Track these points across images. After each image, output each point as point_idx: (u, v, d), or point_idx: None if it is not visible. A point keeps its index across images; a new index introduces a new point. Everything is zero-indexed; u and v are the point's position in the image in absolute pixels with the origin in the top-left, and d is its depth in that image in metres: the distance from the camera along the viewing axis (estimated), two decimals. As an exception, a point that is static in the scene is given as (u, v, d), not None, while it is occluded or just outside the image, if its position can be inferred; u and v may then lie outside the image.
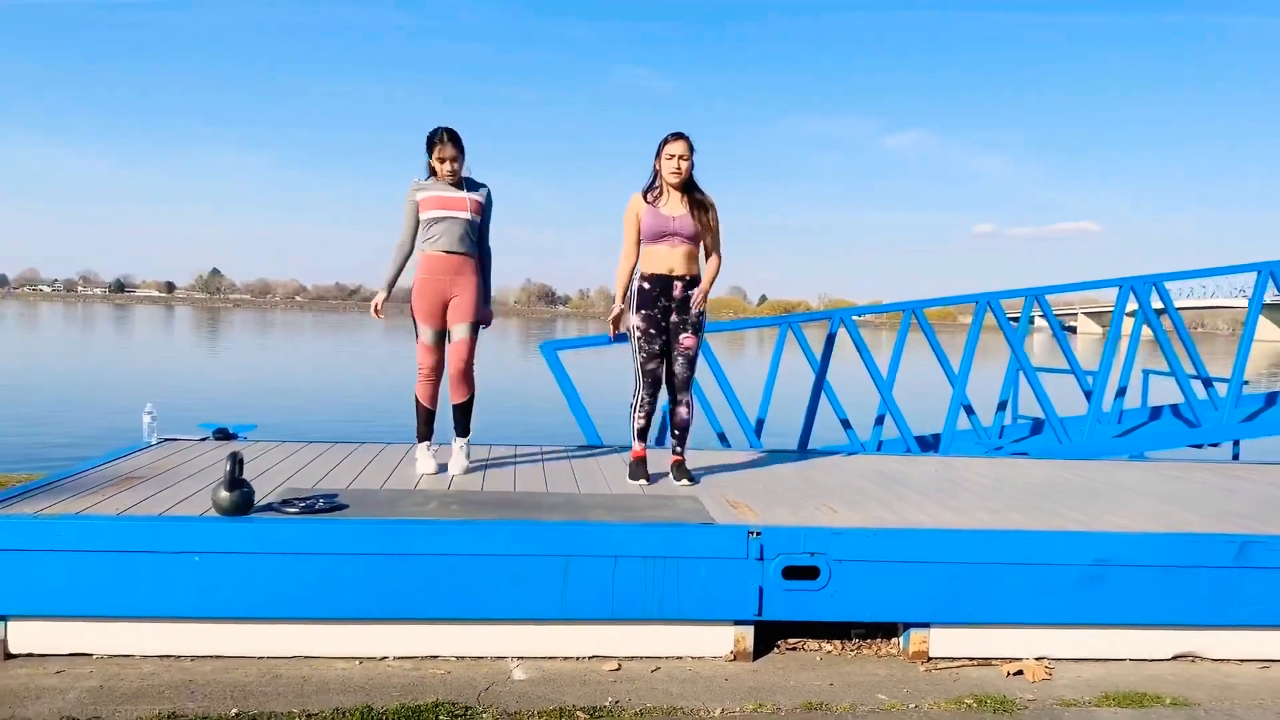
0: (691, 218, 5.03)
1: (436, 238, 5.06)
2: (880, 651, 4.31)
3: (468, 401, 5.21)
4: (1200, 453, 8.00)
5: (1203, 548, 4.23)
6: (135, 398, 6.14)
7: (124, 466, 5.03)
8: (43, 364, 26.46)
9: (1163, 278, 7.52)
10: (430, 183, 5.12)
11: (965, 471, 5.93)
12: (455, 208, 5.06)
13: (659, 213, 5.03)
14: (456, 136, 5.03)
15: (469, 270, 5.14)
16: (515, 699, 3.63)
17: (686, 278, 5.08)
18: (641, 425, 5.19)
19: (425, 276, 5.09)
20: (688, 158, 4.99)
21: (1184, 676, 4.14)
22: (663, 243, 5.03)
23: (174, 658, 3.90)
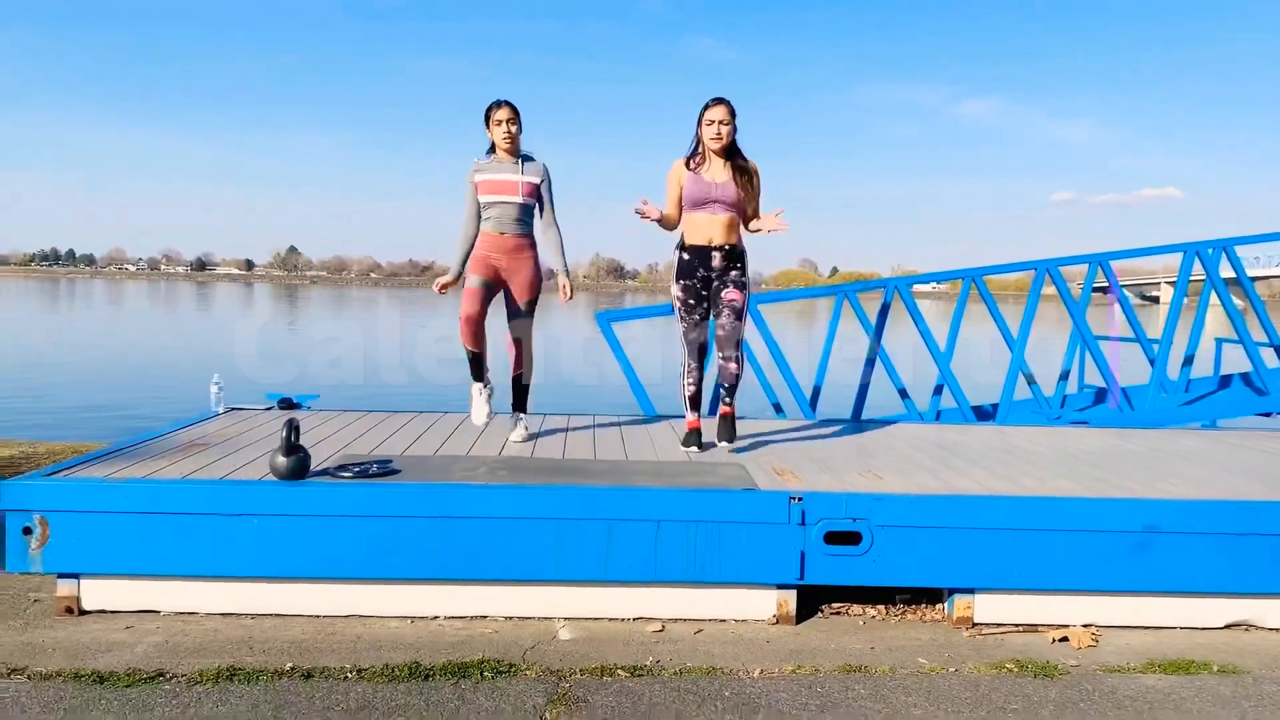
0: (734, 184, 5.02)
1: (492, 219, 5.20)
2: (925, 617, 4.32)
3: (522, 377, 5.34)
4: (1273, 421, 7.81)
5: (1257, 515, 4.16)
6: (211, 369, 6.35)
7: (191, 434, 5.24)
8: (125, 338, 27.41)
9: (1231, 242, 7.32)
10: (488, 163, 5.22)
11: (1021, 440, 5.87)
12: (507, 191, 5.17)
13: (701, 179, 5.02)
14: (513, 105, 5.14)
15: (524, 251, 5.25)
16: (559, 657, 3.73)
17: (725, 247, 5.05)
18: (691, 393, 5.23)
19: (482, 251, 5.23)
20: (729, 122, 4.98)
21: (1236, 645, 4.09)
22: (704, 210, 5.02)
23: (235, 615, 4.07)
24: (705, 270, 5.07)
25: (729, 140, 5.01)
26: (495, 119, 5.14)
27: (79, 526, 3.96)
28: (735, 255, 5.09)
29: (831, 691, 3.48)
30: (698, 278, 5.07)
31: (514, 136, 5.17)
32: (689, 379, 5.19)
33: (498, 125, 5.14)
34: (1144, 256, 7.54)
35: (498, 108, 5.13)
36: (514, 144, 5.19)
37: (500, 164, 5.20)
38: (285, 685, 3.40)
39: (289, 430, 4.13)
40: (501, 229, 5.19)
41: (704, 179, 5.02)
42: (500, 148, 5.19)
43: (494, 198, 5.17)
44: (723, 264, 5.07)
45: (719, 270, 5.07)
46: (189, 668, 3.52)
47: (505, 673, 3.55)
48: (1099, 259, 7.32)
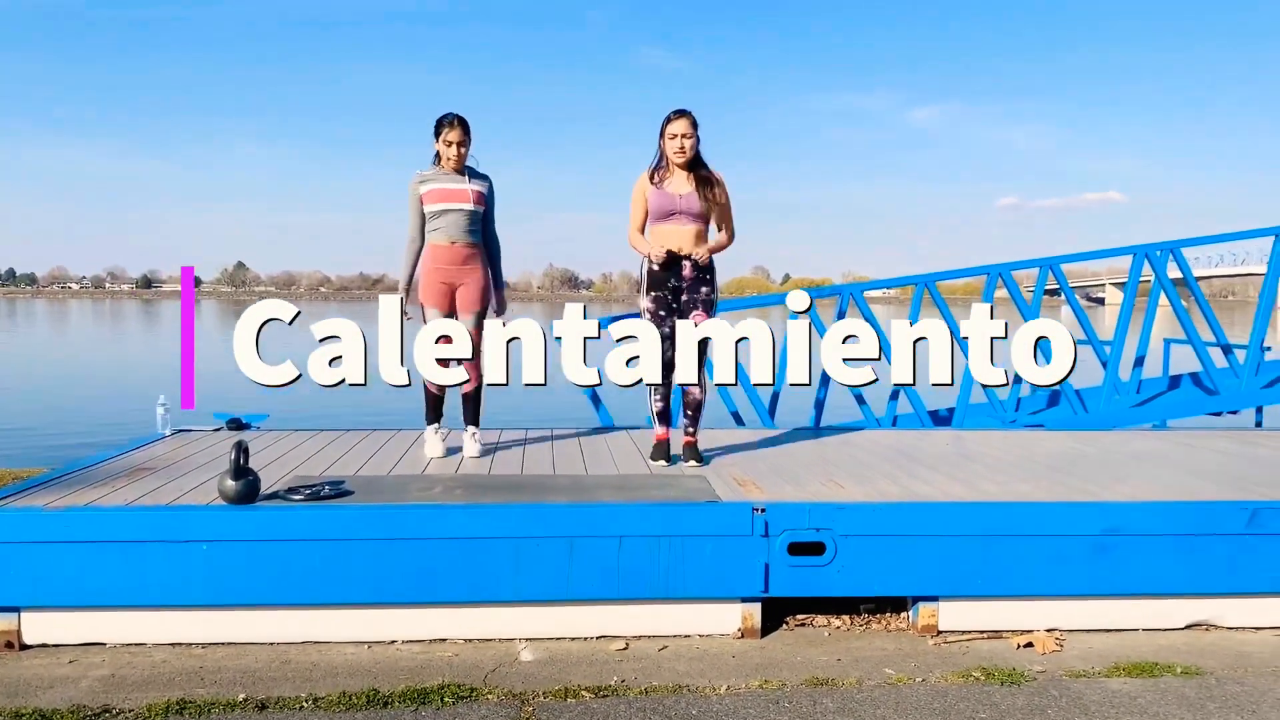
0: (698, 195, 4.99)
1: (440, 229, 5.10)
2: (890, 626, 4.29)
3: (476, 391, 5.23)
4: (1223, 420, 7.92)
5: (1213, 515, 4.19)
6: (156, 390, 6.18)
7: (137, 458, 5.09)
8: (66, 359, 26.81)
9: (1179, 244, 7.43)
10: (432, 172, 5.15)
11: (977, 445, 5.89)
12: (457, 199, 5.09)
13: (665, 192, 4.99)
14: (465, 122, 5.09)
15: (475, 260, 5.18)
16: (521, 679, 3.64)
17: (695, 258, 5.05)
18: (659, 408, 5.17)
19: (431, 266, 5.13)
20: (691, 135, 4.95)
21: (1197, 645, 4.11)
22: (670, 222, 4.99)
23: (185, 645, 3.94)
24: (676, 280, 5.03)
25: (692, 154, 4.98)
26: (446, 139, 5.08)
27: (16, 558, 3.81)
28: (705, 267, 5.06)
29: (800, 706, 3.43)
30: (668, 288, 5.03)
31: (462, 158, 5.12)
32: (656, 395, 5.14)
33: (448, 145, 5.08)
34: (1092, 260, 7.62)
35: (449, 127, 5.07)
36: (461, 164, 5.14)
37: (445, 175, 5.13)
38: (237, 717, 3.29)
39: (238, 453, 4.01)
40: (452, 238, 5.10)
41: (668, 192, 4.99)
42: (447, 166, 5.13)
43: (443, 205, 5.09)
44: (693, 275, 5.03)
45: (690, 281, 5.03)
46: (136, 703, 3.39)
47: (466, 697, 3.46)
48: (1049, 262, 7.38)
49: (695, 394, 5.13)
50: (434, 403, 5.26)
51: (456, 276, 5.14)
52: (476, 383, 5.22)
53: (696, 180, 5.01)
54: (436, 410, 5.28)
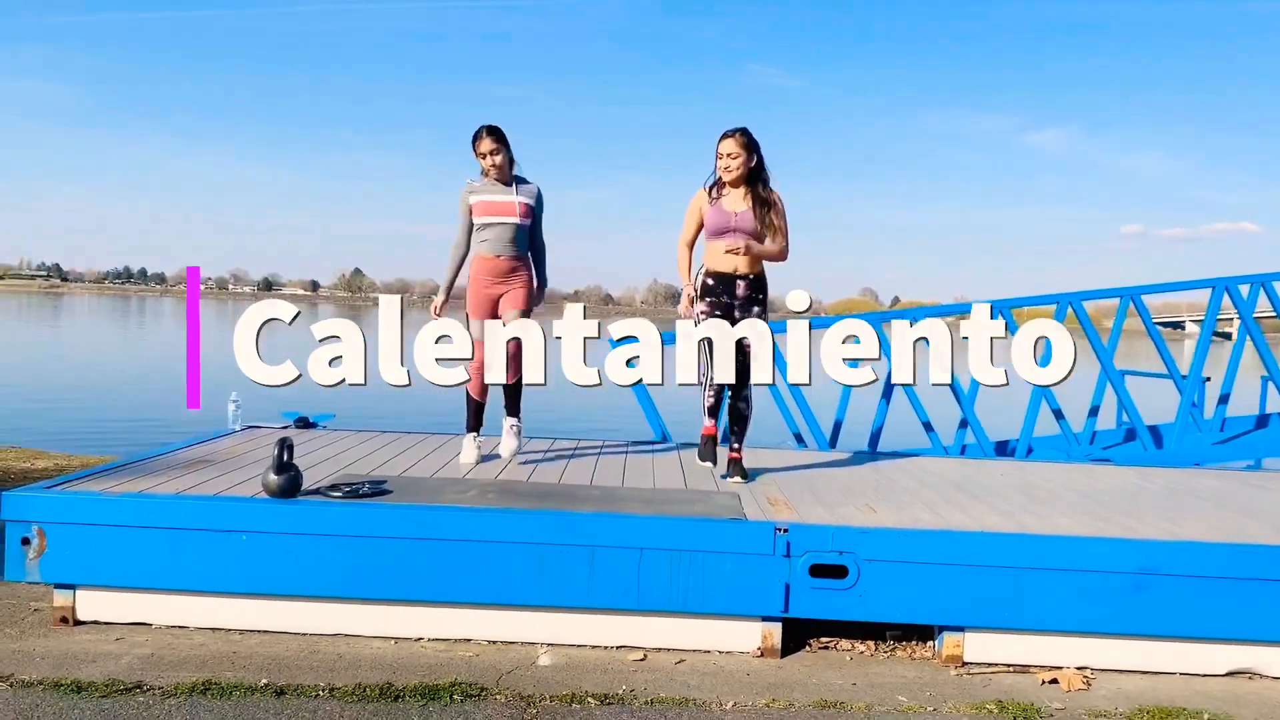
0: (753, 214, 5.03)
1: (487, 241, 5.23)
2: (914, 654, 4.25)
3: (517, 383, 5.33)
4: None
5: (1258, 558, 4.03)
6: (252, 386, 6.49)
7: (202, 451, 5.34)
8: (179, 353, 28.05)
9: (1271, 277, 7.13)
10: (482, 184, 5.27)
11: (1037, 477, 5.75)
12: (504, 213, 5.21)
13: (721, 209, 5.05)
14: (497, 131, 5.18)
15: (520, 272, 5.30)
16: (533, 683, 3.72)
17: (750, 276, 5.07)
18: (710, 404, 5.21)
19: (477, 277, 5.27)
20: (738, 155, 4.99)
21: (1235, 693, 3.96)
22: (724, 239, 5.04)
23: (224, 631, 4.13)
24: (729, 298, 5.08)
25: (741, 172, 5.02)
26: (479, 151, 5.19)
27: (75, 539, 4.05)
28: (759, 285, 5.11)
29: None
30: (722, 303, 5.08)
31: (501, 166, 5.20)
32: (709, 391, 5.19)
33: (482, 158, 5.20)
34: (1174, 292, 7.37)
35: (480, 139, 5.17)
36: (502, 174, 5.23)
37: (494, 186, 5.25)
38: (256, 701, 3.44)
39: (281, 449, 4.19)
40: (498, 252, 5.23)
41: (724, 209, 5.05)
42: (491, 175, 5.24)
43: (490, 219, 5.21)
44: (746, 293, 5.08)
45: (742, 300, 5.08)
46: (167, 681, 3.57)
47: (475, 696, 3.55)
48: (1129, 293, 7.17)
49: (742, 409, 5.17)
50: (475, 411, 5.39)
51: (502, 287, 5.27)
52: (518, 375, 5.32)
53: (753, 198, 5.05)
54: (477, 418, 5.41)
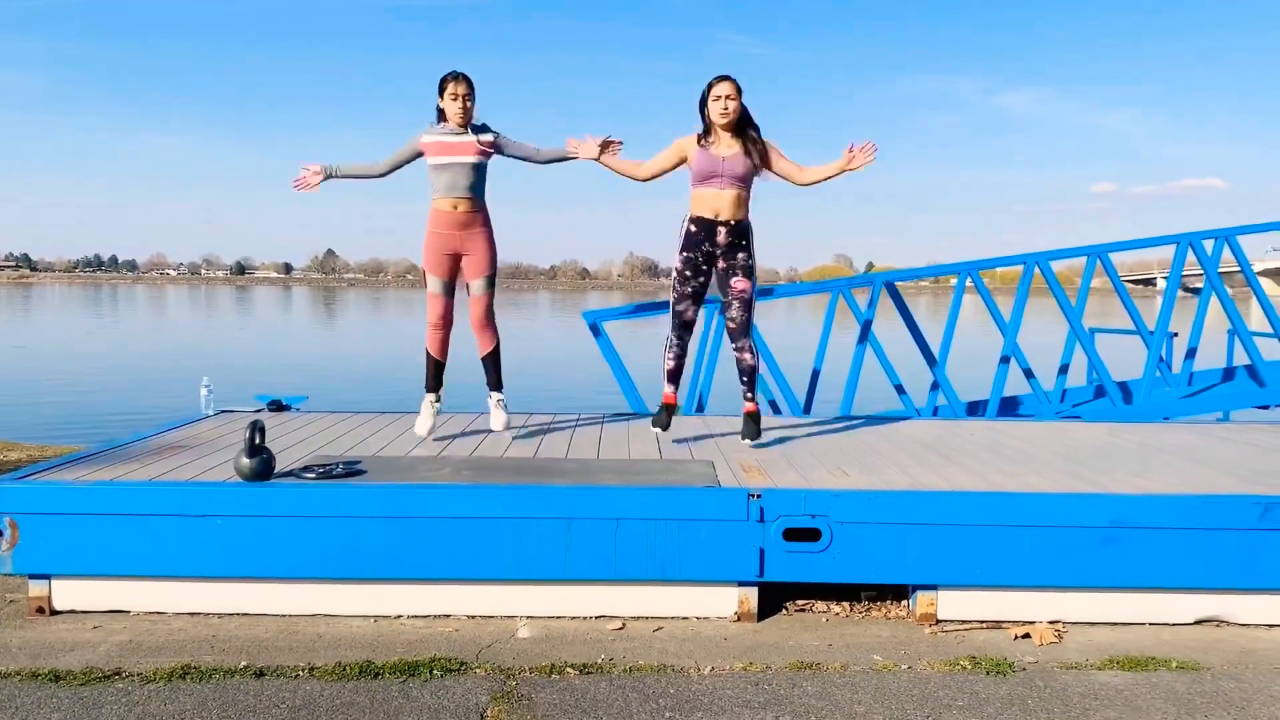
0: (744, 157, 4.96)
1: (441, 189, 5.08)
2: (889, 614, 4.30)
3: (494, 351, 5.32)
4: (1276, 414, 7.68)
5: (1224, 509, 4.10)
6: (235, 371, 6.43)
7: (174, 436, 5.32)
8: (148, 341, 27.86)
9: (1232, 232, 7.21)
10: (437, 128, 5.11)
11: (1008, 436, 5.82)
12: (461, 152, 5.05)
13: (710, 154, 4.96)
14: (469, 79, 5.05)
15: (478, 223, 5.15)
16: (512, 655, 3.75)
17: (731, 223, 4.99)
18: (670, 367, 5.22)
19: (433, 230, 5.12)
20: (735, 98, 4.92)
21: (1203, 641, 4.03)
22: (710, 184, 4.97)
23: (202, 615, 4.13)
24: (710, 245, 5.03)
25: (736, 115, 4.95)
26: (451, 92, 5.01)
27: (48, 528, 4.03)
28: (741, 231, 5.04)
29: (778, 689, 3.47)
30: (702, 251, 5.04)
31: (468, 111, 5.05)
32: (669, 353, 5.20)
33: (453, 99, 5.01)
34: (1141, 248, 7.43)
35: (454, 80, 5.01)
36: (467, 118, 5.08)
37: (450, 128, 5.10)
38: (235, 684, 3.45)
39: (252, 431, 4.18)
40: (454, 195, 5.05)
41: (712, 154, 4.97)
42: (452, 120, 5.07)
43: (445, 159, 5.03)
44: (728, 240, 5.02)
45: (724, 247, 5.02)
46: (146, 667, 3.58)
47: (455, 671, 3.58)
48: (1097, 250, 7.22)
49: (748, 359, 5.17)
50: (435, 370, 5.32)
51: (460, 244, 5.13)
52: (493, 342, 5.32)
53: (744, 143, 4.99)
54: (436, 378, 5.34)
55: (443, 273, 5.17)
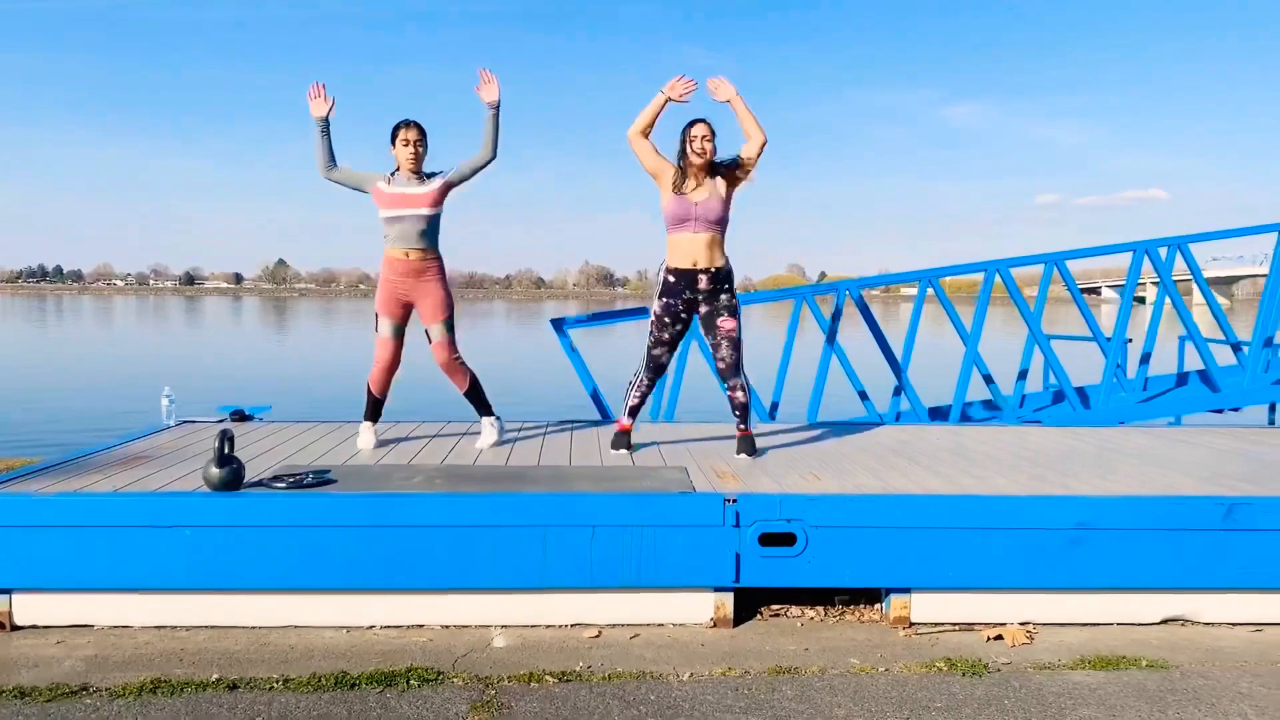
0: (717, 201, 4.97)
1: (393, 238, 5.13)
2: (863, 618, 4.33)
3: (472, 385, 5.37)
4: (1238, 417, 7.85)
5: (1188, 510, 4.18)
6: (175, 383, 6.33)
7: (137, 447, 5.22)
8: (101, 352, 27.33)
9: (1185, 240, 7.36)
10: (392, 178, 5.17)
11: (971, 440, 5.89)
12: (413, 204, 5.10)
13: (683, 199, 4.97)
14: (420, 126, 5.15)
15: (431, 271, 5.20)
16: (489, 664, 3.72)
17: (712, 270, 5.01)
18: (634, 404, 5.26)
19: (386, 276, 5.20)
20: (710, 138, 4.95)
21: (1171, 640, 4.11)
22: (684, 229, 4.98)
23: (169, 628, 4.06)
24: (691, 293, 5.04)
25: (712, 156, 4.97)
26: (402, 138, 5.10)
27: (8, 541, 3.94)
28: (722, 276, 5.05)
29: (757, 693, 3.48)
30: (683, 300, 5.04)
31: (419, 158, 5.13)
32: (635, 391, 5.24)
33: (404, 145, 5.10)
34: (1097, 256, 7.57)
35: (405, 127, 5.11)
36: (418, 165, 5.15)
37: (404, 179, 5.15)
38: (209, 697, 3.39)
39: (222, 441, 4.12)
40: (406, 246, 5.12)
41: (685, 199, 4.97)
42: (404, 168, 5.14)
43: (397, 211, 5.09)
44: (710, 286, 5.03)
45: (706, 293, 5.04)
46: (114, 681, 3.50)
47: (433, 680, 3.54)
48: (1054, 258, 7.34)
49: (739, 397, 5.17)
50: (373, 405, 5.41)
51: (411, 291, 5.18)
52: (468, 381, 5.35)
53: (715, 183, 5.00)
54: (374, 411, 5.43)
55: (394, 316, 5.23)
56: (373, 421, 5.42)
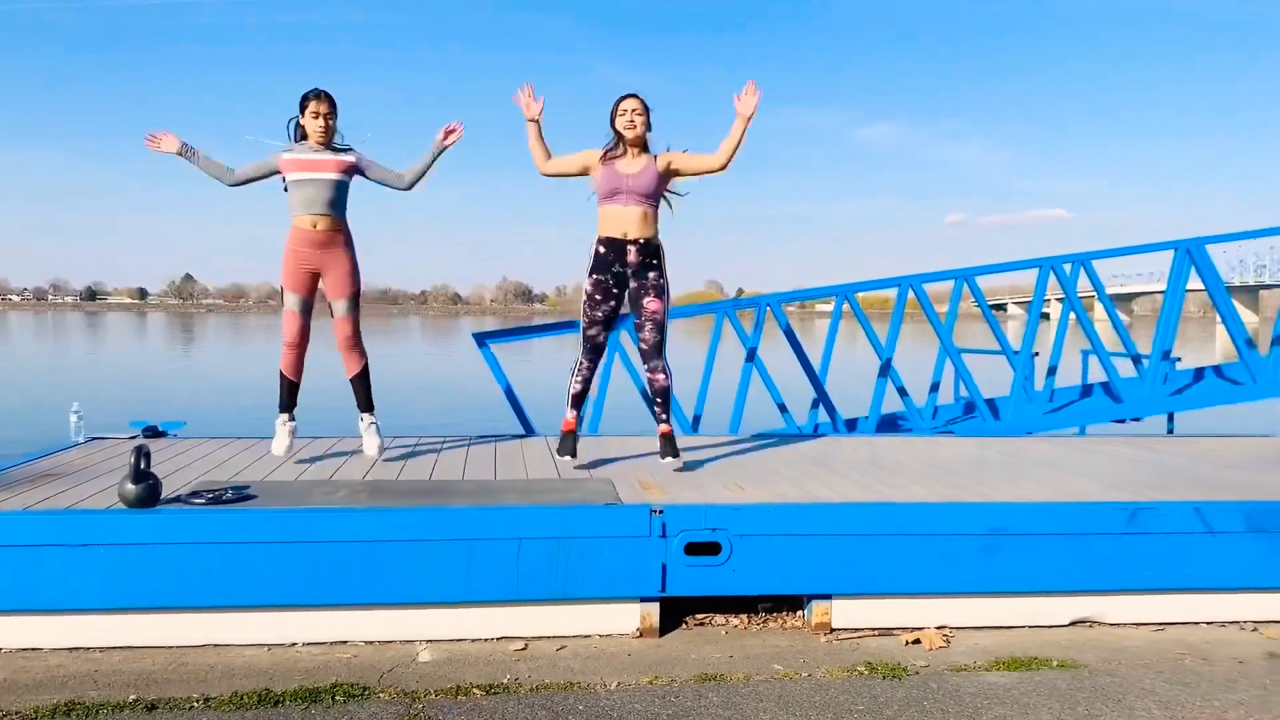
0: (651, 174, 4.94)
1: (300, 204, 4.98)
2: (786, 625, 4.41)
3: (363, 371, 5.24)
4: (1140, 426, 8.15)
5: (1094, 515, 4.35)
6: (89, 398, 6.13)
7: (44, 465, 5.07)
8: (5, 372, 26.33)
9: (1089, 256, 7.65)
10: (297, 147, 5.04)
11: (886, 451, 6.04)
12: (319, 169, 4.96)
13: (612, 169, 4.94)
14: (332, 99, 5.02)
15: (338, 242, 5.05)
16: (416, 679, 3.70)
17: (640, 241, 4.96)
18: (576, 390, 5.16)
19: (291, 247, 5.02)
20: (642, 113, 4.95)
21: (1079, 641, 4.26)
22: (615, 201, 4.93)
23: (83, 649, 3.94)
24: (620, 265, 4.98)
25: (642, 131, 4.97)
26: (312, 110, 4.96)
27: (-89, 563, 3.79)
28: (651, 250, 5.00)
29: (684, 700, 3.52)
30: (612, 273, 4.99)
31: (330, 130, 5.01)
32: (577, 377, 5.15)
33: (314, 117, 4.96)
34: (1006, 272, 7.83)
35: (315, 98, 4.96)
36: (328, 137, 5.03)
37: (311, 147, 5.02)
38: (125, 718, 3.31)
39: (138, 457, 4.03)
40: (312, 212, 4.96)
41: (616, 170, 4.94)
42: (313, 138, 5.01)
43: (304, 175, 4.95)
44: (638, 259, 4.98)
45: (635, 267, 4.99)
46: (25, 705, 3.39)
47: (358, 696, 3.51)
48: (964, 274, 7.57)
49: (661, 380, 5.12)
50: (288, 390, 5.20)
51: (319, 261, 5.03)
52: (361, 363, 5.24)
53: (651, 159, 4.99)
54: (290, 397, 5.22)
55: (301, 290, 5.06)
56: (289, 415, 5.23)
